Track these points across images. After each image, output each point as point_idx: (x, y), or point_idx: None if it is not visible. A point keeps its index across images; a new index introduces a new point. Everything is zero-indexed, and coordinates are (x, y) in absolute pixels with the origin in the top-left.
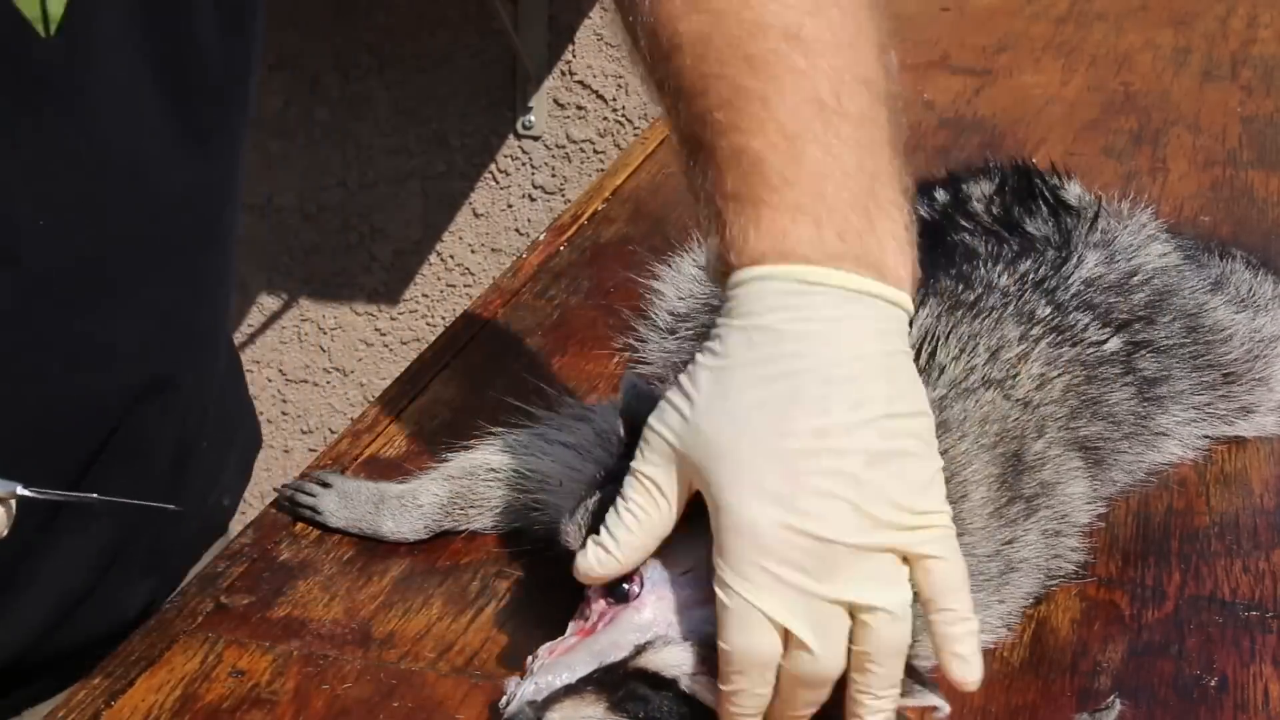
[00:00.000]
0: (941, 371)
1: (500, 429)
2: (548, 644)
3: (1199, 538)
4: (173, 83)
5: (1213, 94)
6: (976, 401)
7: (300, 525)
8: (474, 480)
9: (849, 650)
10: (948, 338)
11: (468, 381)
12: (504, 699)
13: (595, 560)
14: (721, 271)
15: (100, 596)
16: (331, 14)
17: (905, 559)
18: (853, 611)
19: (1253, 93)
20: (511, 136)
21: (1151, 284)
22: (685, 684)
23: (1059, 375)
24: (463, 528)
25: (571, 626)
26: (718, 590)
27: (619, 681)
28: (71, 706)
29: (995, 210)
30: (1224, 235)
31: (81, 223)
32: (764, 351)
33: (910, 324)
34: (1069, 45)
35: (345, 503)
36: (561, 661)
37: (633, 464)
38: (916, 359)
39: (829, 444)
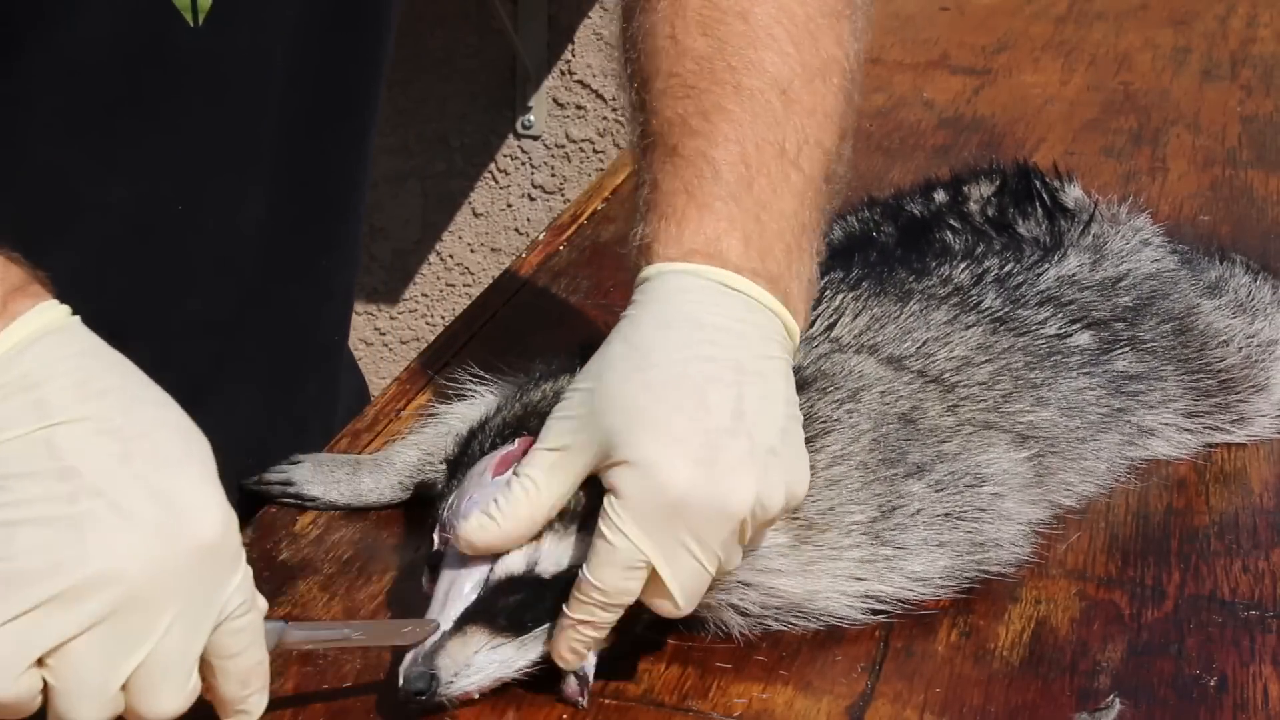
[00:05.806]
0: (828, 339)
1: (467, 392)
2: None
3: (1199, 537)
4: (313, 75)
5: (1212, 94)
6: (855, 367)
7: (300, 525)
8: (444, 440)
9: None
10: (856, 316)
11: None
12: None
13: (478, 527)
14: (644, 258)
15: None
16: None
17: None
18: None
19: (1252, 92)
20: (511, 136)
21: (1139, 288)
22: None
23: (986, 361)
24: (438, 483)
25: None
26: (605, 528)
27: (490, 602)
28: None
29: (990, 211)
30: (1223, 235)
31: (216, 208)
32: (681, 335)
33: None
34: (1069, 45)
35: (320, 471)
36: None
37: (537, 443)
38: (812, 325)
39: (745, 426)
